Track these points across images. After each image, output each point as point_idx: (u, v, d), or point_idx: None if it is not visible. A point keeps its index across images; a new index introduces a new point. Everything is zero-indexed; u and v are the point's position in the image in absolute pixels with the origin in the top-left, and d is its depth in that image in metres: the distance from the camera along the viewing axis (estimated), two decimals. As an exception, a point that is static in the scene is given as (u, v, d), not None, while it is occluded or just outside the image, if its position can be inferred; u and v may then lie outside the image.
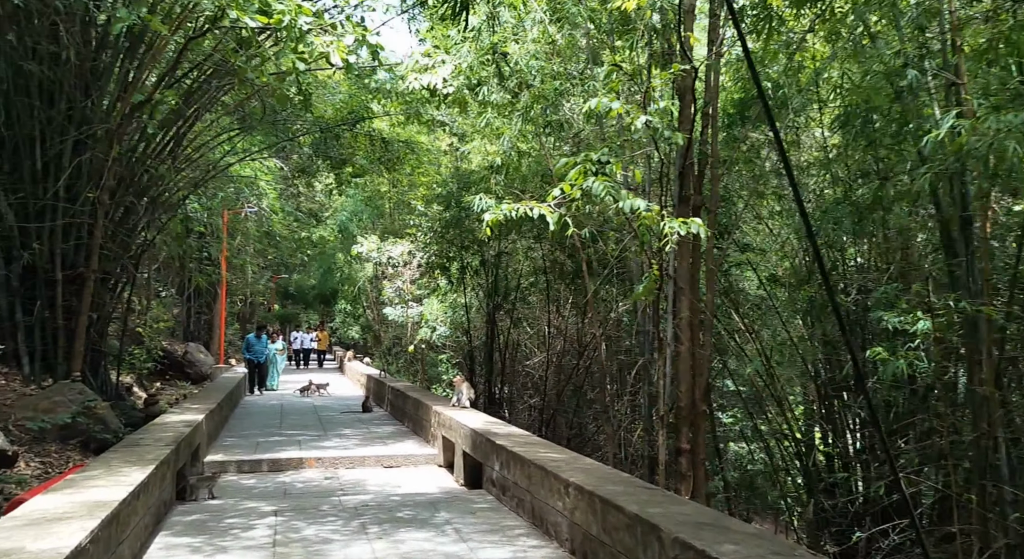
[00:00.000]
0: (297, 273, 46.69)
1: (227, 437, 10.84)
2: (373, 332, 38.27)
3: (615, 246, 10.05)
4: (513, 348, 15.77)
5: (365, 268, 31.68)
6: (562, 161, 6.99)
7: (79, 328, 10.54)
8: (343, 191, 29.69)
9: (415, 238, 17.64)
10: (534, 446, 6.73)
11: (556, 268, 13.19)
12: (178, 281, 27.14)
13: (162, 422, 8.25)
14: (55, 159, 10.23)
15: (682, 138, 6.63)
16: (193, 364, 25.79)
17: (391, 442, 10.45)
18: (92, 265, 10.58)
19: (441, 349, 23.39)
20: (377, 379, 16.73)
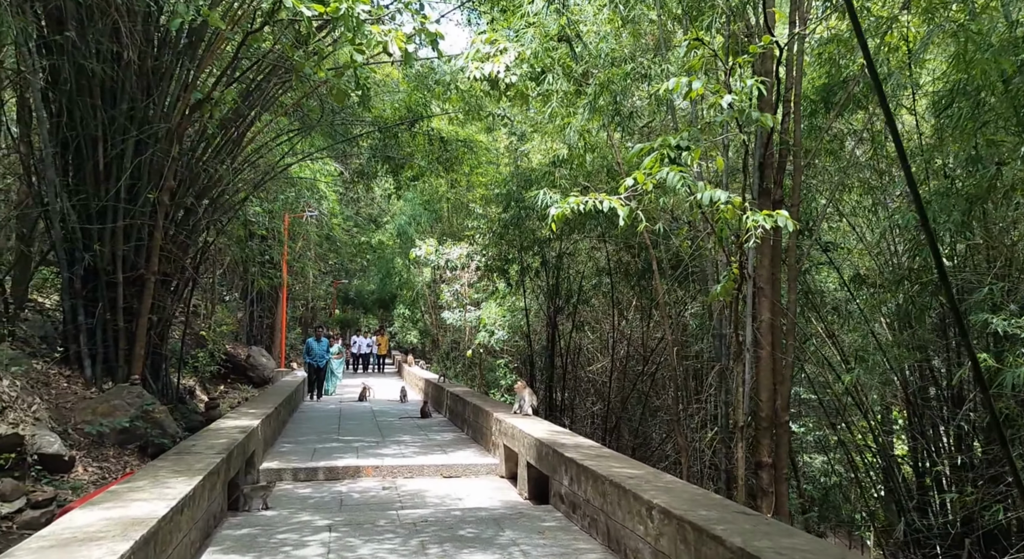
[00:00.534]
0: (357, 278, 47.11)
1: (284, 443, 10.59)
2: (431, 336, 38.25)
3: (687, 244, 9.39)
4: (574, 353, 15.17)
5: (423, 273, 31.60)
6: (636, 147, 6.42)
7: (139, 330, 10.46)
8: (401, 195, 29.70)
9: (473, 240, 17.25)
10: (606, 460, 6.15)
11: (621, 269, 12.56)
12: (241, 285, 27.51)
13: (217, 428, 8.00)
14: (116, 159, 10.18)
15: (771, 119, 5.98)
16: (255, 367, 26.03)
17: (451, 450, 10.02)
18: (152, 267, 10.49)
19: (499, 354, 22.99)
20: (436, 384, 16.38)
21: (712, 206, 7.04)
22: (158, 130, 10.27)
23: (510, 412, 9.74)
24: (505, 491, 8.06)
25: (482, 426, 10.38)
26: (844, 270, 11.20)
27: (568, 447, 6.74)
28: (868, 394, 12.44)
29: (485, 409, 10.22)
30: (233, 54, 9.86)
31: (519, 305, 19.56)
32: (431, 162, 15.62)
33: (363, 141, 15.71)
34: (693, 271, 11.17)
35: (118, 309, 10.43)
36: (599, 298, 13.41)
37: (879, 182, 10.64)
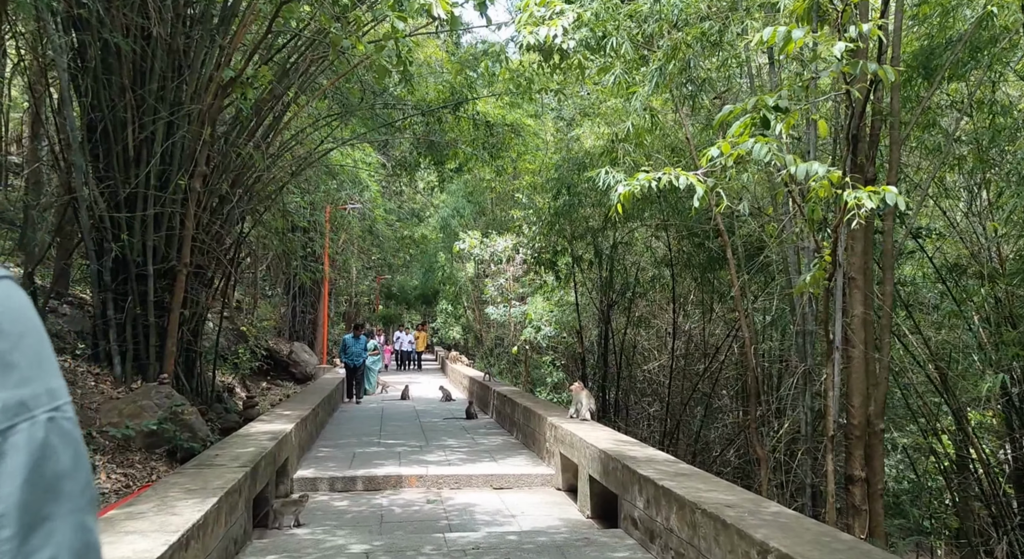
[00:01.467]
0: (400, 274, 46.74)
1: (322, 446, 9.89)
2: (474, 332, 37.58)
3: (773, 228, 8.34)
4: (629, 350, 14.19)
5: (466, 268, 30.90)
6: (726, 108, 5.45)
7: (171, 325, 9.86)
8: (444, 187, 29.01)
9: (520, 231, 16.37)
10: (688, 479, 5.22)
11: (682, 259, 11.55)
12: (283, 279, 27.16)
13: (246, 434, 7.28)
14: (146, 143, 9.59)
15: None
16: (298, 364, 25.66)
17: (500, 457, 9.17)
18: (184, 258, 9.87)
19: (545, 351, 22.13)
20: (481, 382, 15.58)
21: (806, 183, 6.05)
22: (189, 111, 9.64)
23: (565, 416, 8.86)
24: (564, 507, 7.18)
25: (534, 431, 9.52)
26: (938, 260, 9.99)
27: (640, 462, 5.82)
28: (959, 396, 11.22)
29: (537, 412, 9.35)
30: (267, 27, 9.13)
31: (568, 299, 18.65)
32: (476, 148, 14.78)
33: (404, 126, 14.92)
34: (768, 260, 10.11)
35: (149, 303, 9.85)
36: (656, 292, 12.42)
37: (979, 160, 9.42)
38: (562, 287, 16.02)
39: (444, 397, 16.85)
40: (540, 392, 21.05)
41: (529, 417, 9.88)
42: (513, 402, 11.16)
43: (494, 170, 15.85)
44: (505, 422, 11.91)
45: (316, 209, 19.89)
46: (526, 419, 10.11)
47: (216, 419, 11.55)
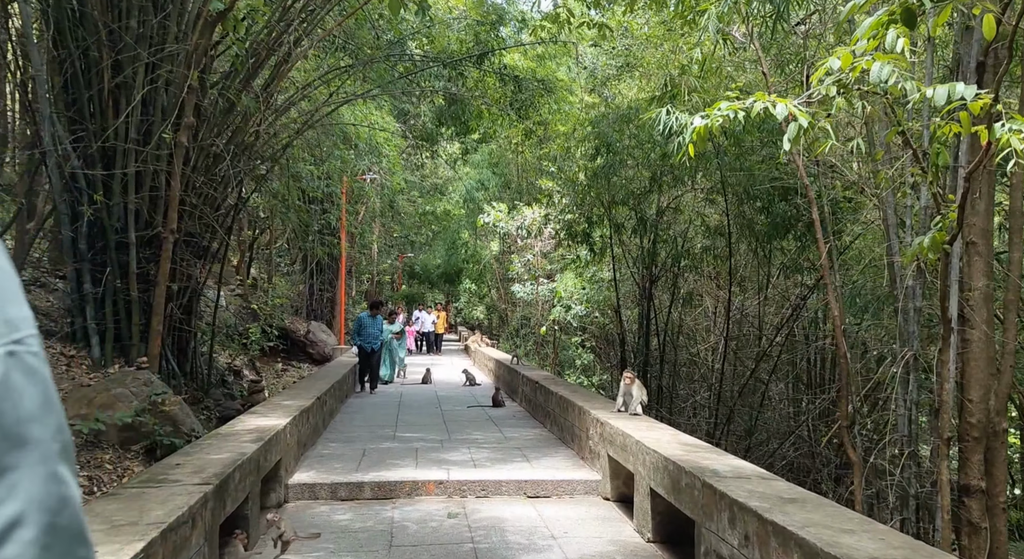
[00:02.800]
0: (422, 252, 45.50)
1: (329, 441, 8.62)
2: (499, 312, 36.27)
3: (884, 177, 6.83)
4: (673, 331, 12.74)
5: (490, 245, 29.51)
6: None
7: (156, 301, 8.61)
8: (468, 159, 27.57)
9: (550, 200, 14.91)
10: (802, 508, 3.81)
11: (741, 227, 10.05)
12: (300, 255, 26.00)
13: (229, 431, 6.00)
14: (124, 89, 8.27)
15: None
16: (315, 344, 24.53)
17: (535, 456, 7.82)
18: (170, 223, 8.58)
19: (575, 331, 20.75)
20: (508, 365, 14.24)
21: (945, 109, 4.59)
22: (174, 52, 8.30)
23: (609, 408, 7.48)
24: (616, 525, 5.81)
25: (573, 425, 8.15)
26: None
27: (726, 478, 4.42)
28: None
29: (577, 404, 7.97)
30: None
31: (602, 276, 17.21)
32: (502, 107, 13.30)
33: (423, 83, 13.45)
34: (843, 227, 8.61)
35: (131, 275, 8.60)
36: (708, 265, 10.93)
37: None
38: (596, 262, 14.56)
39: (468, 381, 15.56)
40: (569, 375, 19.71)
41: (567, 409, 8.51)
42: (547, 390, 9.79)
43: (523, 132, 14.34)
44: (537, 412, 10.56)
45: (332, 180, 18.56)
46: (562, 411, 8.74)
47: (214, 407, 10.34)
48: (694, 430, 12.17)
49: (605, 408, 7.58)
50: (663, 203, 11.26)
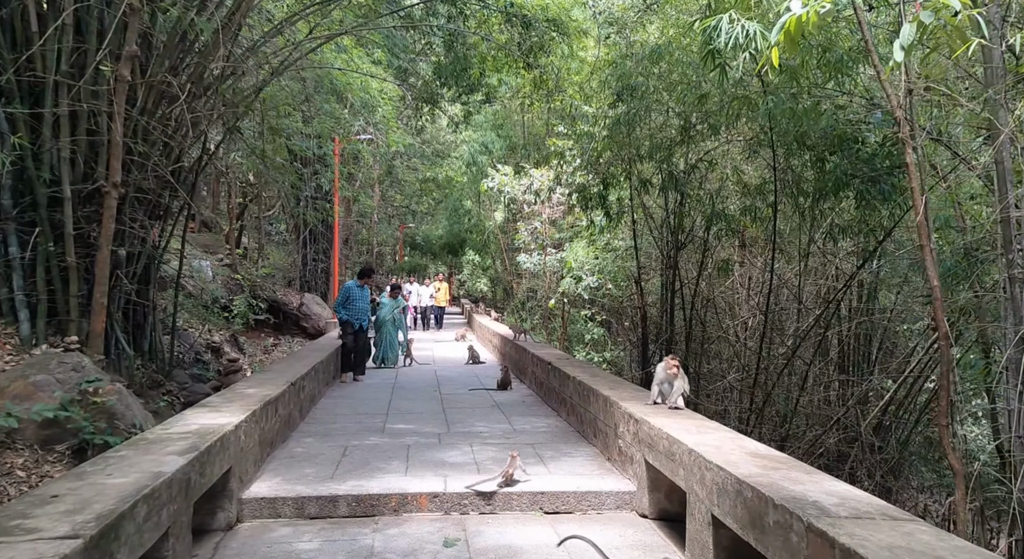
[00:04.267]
0: (424, 222, 43.99)
1: (305, 435, 7.28)
2: (503, 284, 34.89)
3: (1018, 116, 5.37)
4: (701, 305, 11.33)
5: (494, 215, 27.99)
6: None
7: (100, 268, 7.22)
8: (470, 121, 25.94)
9: (562, 159, 13.42)
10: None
11: (791, 183, 8.57)
12: (293, 223, 24.57)
13: (157, 436, 4.64)
14: (49, 8, 6.79)
15: None
16: (309, 317, 23.19)
17: (549, 454, 6.47)
18: (113, 175, 7.15)
19: (586, 304, 19.37)
20: (515, 343, 12.88)
21: None
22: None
23: (644, 400, 6.12)
24: (660, 555, 4.46)
25: (596, 418, 6.78)
26: None
27: (838, 519, 3.05)
28: None
29: (602, 393, 6.60)
30: None
31: (616, 245, 15.77)
32: (508, 51, 11.75)
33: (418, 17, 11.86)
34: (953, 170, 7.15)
35: (67, 237, 7.21)
36: (746, 228, 9.46)
37: None
38: (612, 228, 13.10)
39: (471, 359, 14.23)
40: (577, 351, 18.38)
41: (588, 398, 7.14)
42: (562, 374, 8.42)
43: (531, 82, 12.79)
44: (550, 397, 9.21)
45: (322, 139, 17.04)
46: (582, 399, 7.38)
47: (179, 391, 9.01)
48: (724, 416, 10.84)
49: (636, 399, 6.21)
50: (693, 158, 9.77)
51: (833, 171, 7.99)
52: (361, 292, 11.32)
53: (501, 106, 25.58)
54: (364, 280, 11.51)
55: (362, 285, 11.42)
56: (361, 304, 11.22)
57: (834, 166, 8.00)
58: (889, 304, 9.45)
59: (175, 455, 4.04)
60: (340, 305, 11.21)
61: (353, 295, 11.20)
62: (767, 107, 7.42)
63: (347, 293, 11.26)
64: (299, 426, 7.69)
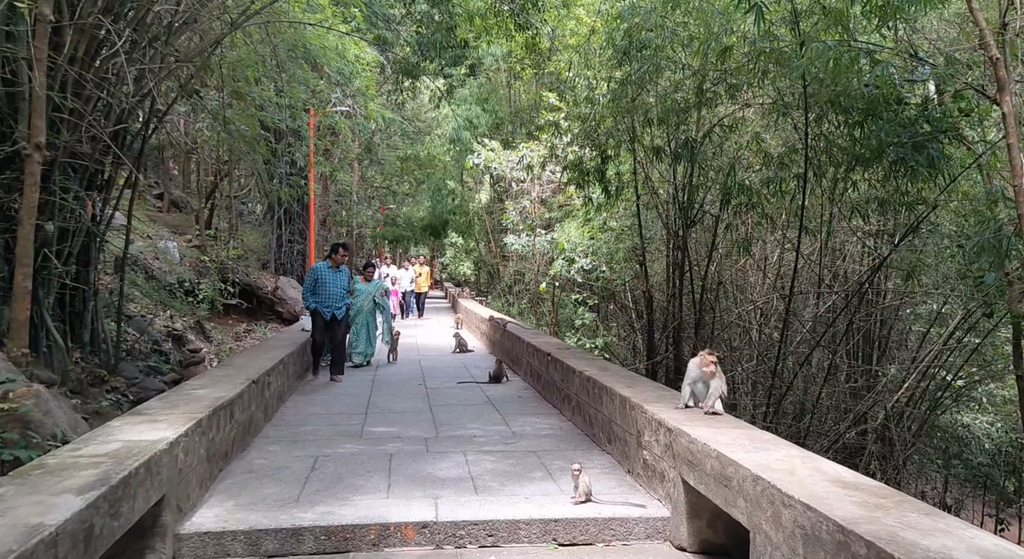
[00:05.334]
0: (406, 205, 42.65)
1: (269, 442, 6.22)
2: (488, 267, 33.84)
3: None
4: (713, 288, 10.36)
5: (479, 194, 26.87)
6: None
7: (21, 246, 6.07)
8: (454, 95, 24.73)
9: (556, 130, 12.34)
10: None
11: (820, 152, 7.57)
12: (267, 202, 23.27)
13: (61, 462, 3.56)
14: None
15: None
16: (284, 301, 22.00)
17: (558, 465, 5.47)
18: (36, 135, 5.98)
19: (576, 288, 18.40)
20: (507, 330, 11.85)
21: None
22: None
23: (670, 401, 5.15)
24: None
25: (611, 421, 5.79)
26: None
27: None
28: None
29: (619, 393, 5.60)
30: None
31: (613, 225, 14.76)
32: (496, 10, 10.62)
33: None
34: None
35: (-21, 210, 6.04)
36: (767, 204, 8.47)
37: None
38: (611, 206, 12.08)
39: (458, 347, 13.20)
40: (568, 337, 17.40)
41: (599, 396, 6.14)
42: (565, 367, 7.41)
43: (523, 46, 11.67)
44: (550, 393, 8.21)
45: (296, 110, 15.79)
46: (592, 397, 6.38)
47: (127, 388, 7.90)
48: (735, 410, 9.92)
49: (662, 401, 5.23)
50: (708, 124, 8.73)
51: (871, 136, 7.01)
52: (334, 275, 9.39)
53: (486, 79, 24.41)
54: (336, 259, 9.50)
55: (335, 265, 9.48)
56: (333, 289, 9.32)
57: (872, 131, 7.01)
58: (917, 287, 8.57)
59: (72, 494, 2.98)
60: (308, 291, 9.36)
61: (323, 278, 9.33)
62: (807, 56, 6.40)
63: (314, 276, 9.37)
64: (263, 430, 6.63)
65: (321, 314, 9.27)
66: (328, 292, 9.29)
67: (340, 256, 9.48)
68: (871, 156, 7.24)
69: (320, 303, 9.27)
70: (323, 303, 9.27)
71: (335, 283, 9.35)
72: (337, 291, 9.35)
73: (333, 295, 9.32)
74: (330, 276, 9.35)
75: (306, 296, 9.35)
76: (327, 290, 9.28)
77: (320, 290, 9.26)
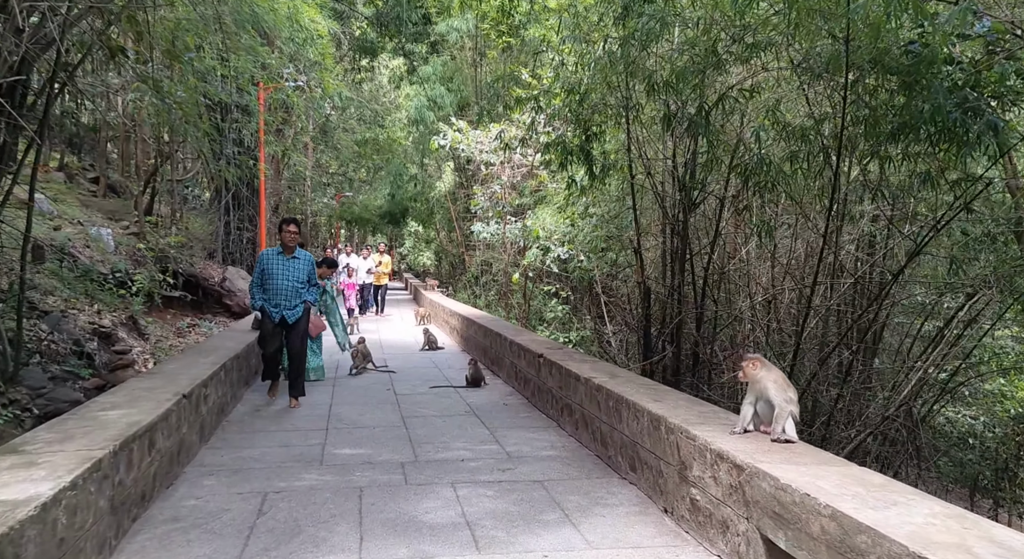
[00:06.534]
0: (363, 193, 40.97)
1: (205, 473, 4.94)
2: (449, 258, 32.56)
3: None
4: (715, 279, 9.34)
5: (442, 179, 25.53)
6: None
7: None
8: (416, 75, 23.33)
9: (536, 103, 11.17)
10: None
11: (859, 123, 6.56)
12: (213, 185, 21.56)
13: None
14: None
15: None
16: (233, 293, 20.40)
17: (573, 502, 4.34)
18: None
19: (555, 278, 17.33)
20: (481, 325, 10.67)
21: None
22: None
23: (722, 425, 4.09)
24: None
25: (635, 443, 4.68)
26: None
27: None
28: None
29: (649, 410, 4.49)
30: None
31: (592, 211, 13.68)
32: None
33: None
34: None
35: None
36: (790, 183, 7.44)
37: None
38: (597, 188, 10.98)
39: (427, 344, 11.98)
40: (540, 332, 16.32)
41: (617, 411, 5.02)
42: (565, 372, 6.27)
43: (496, 8, 10.46)
44: (542, 400, 7.07)
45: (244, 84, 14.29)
46: (607, 412, 5.26)
47: (31, 399, 6.50)
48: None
49: (706, 421, 4.14)
50: (719, 90, 7.65)
51: (920, 100, 6.03)
52: (284, 263, 7.03)
53: (451, 57, 23.09)
54: (286, 240, 7.07)
55: (287, 250, 7.08)
56: (283, 282, 7.00)
57: (921, 93, 6.03)
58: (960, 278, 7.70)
59: None
60: (255, 285, 7.16)
61: (270, 269, 7.02)
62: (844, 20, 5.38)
63: (261, 265, 7.11)
64: (198, 455, 5.34)
65: (268, 315, 7.04)
66: (277, 286, 7.01)
67: (289, 235, 7.05)
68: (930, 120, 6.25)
69: (268, 301, 7.05)
70: (272, 301, 7.05)
71: (286, 274, 7.04)
72: (289, 285, 7.02)
73: (284, 290, 7.01)
74: (279, 265, 7.03)
75: (253, 292, 7.15)
76: (276, 283, 7.01)
77: (268, 283, 7.05)
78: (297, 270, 7.13)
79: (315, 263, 7.49)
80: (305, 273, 7.19)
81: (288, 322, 7.09)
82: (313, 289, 7.30)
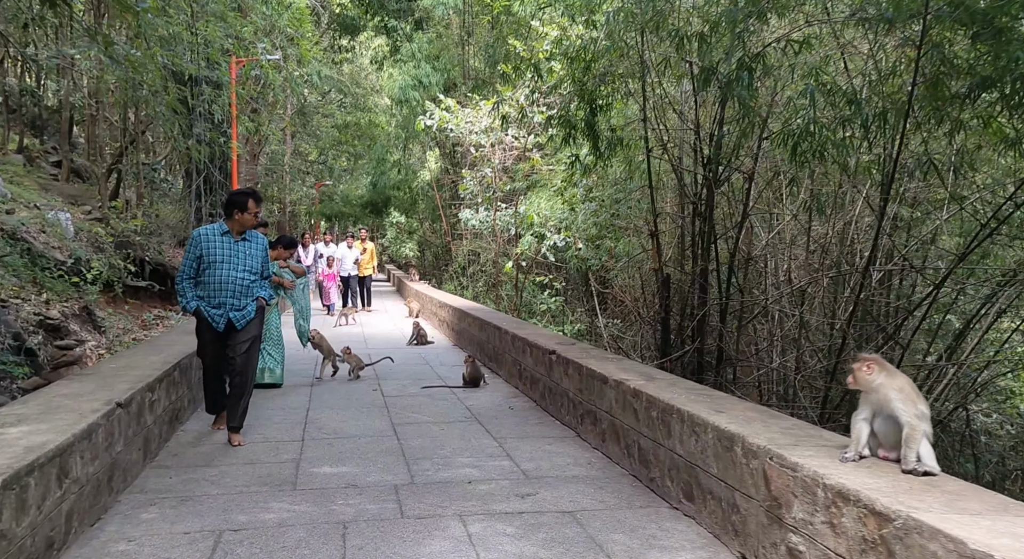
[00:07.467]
0: (343, 182, 39.67)
1: (145, 503, 3.88)
2: (434, 249, 31.46)
3: None
4: (742, 266, 8.38)
5: (423, 171, 24.41)
6: None
7: None
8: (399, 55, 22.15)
9: (537, 75, 10.14)
10: None
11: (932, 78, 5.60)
12: (183, 169, 20.30)
13: None
14: None
15: None
16: (205, 283, 19.28)
17: (622, 546, 3.34)
18: None
19: (551, 268, 16.37)
20: (476, 317, 9.64)
21: None
22: None
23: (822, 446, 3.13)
24: None
25: (693, 466, 3.71)
26: None
27: None
28: None
29: (716, 425, 3.52)
30: None
31: (594, 196, 12.69)
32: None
33: None
34: None
35: None
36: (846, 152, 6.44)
37: None
38: (603, 165, 9.98)
39: (415, 337, 10.94)
40: (536, 324, 15.33)
41: (667, 425, 4.04)
42: (587, 372, 5.27)
43: None
44: (556, 403, 6.07)
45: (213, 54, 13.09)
46: (650, 425, 4.28)
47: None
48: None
49: (800, 441, 3.18)
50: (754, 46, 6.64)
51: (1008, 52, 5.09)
52: (233, 247, 5.12)
53: (436, 35, 21.95)
54: (240, 220, 5.13)
55: (236, 230, 5.15)
56: (230, 273, 5.07)
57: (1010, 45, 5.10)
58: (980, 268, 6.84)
59: None
60: (185, 277, 5.11)
61: (211, 254, 5.06)
62: None
63: (196, 249, 5.06)
64: (139, 477, 4.28)
65: (207, 319, 5.07)
66: (220, 279, 5.05)
67: (248, 216, 5.13)
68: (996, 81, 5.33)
69: (208, 300, 5.08)
70: (212, 299, 5.07)
71: (234, 262, 5.10)
72: (237, 276, 5.09)
73: (230, 284, 5.07)
74: (224, 249, 5.08)
75: (183, 287, 5.09)
76: (219, 275, 5.05)
77: (207, 275, 5.06)
78: (249, 256, 5.18)
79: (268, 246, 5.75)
80: (259, 260, 5.25)
81: (236, 327, 5.09)
82: (267, 283, 5.39)
